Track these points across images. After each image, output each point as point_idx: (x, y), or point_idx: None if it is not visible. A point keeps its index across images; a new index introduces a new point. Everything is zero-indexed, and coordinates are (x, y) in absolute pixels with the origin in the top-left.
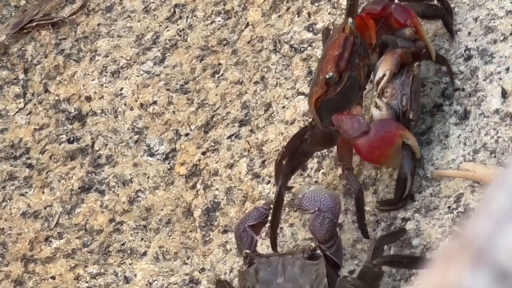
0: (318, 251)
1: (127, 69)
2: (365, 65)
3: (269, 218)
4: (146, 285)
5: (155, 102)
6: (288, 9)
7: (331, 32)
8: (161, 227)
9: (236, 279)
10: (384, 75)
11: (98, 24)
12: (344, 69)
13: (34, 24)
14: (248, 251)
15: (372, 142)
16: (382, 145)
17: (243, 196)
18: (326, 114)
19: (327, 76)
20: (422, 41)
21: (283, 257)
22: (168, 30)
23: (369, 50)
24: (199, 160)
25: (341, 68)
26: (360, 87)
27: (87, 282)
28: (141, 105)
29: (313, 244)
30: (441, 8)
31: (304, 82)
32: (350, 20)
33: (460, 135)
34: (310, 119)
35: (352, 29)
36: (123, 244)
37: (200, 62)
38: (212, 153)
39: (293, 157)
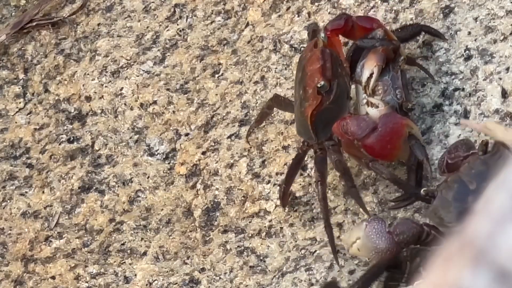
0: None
1: (127, 69)
2: (346, 74)
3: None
4: (146, 285)
5: (155, 102)
6: (288, 8)
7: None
8: (161, 227)
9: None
10: (372, 73)
11: (98, 24)
12: (331, 78)
13: (34, 24)
14: (425, 188)
15: (383, 137)
16: (393, 138)
17: (243, 196)
18: (321, 127)
19: (318, 85)
20: (396, 40)
21: (459, 171)
22: (168, 30)
23: None
24: (199, 160)
25: (328, 77)
26: (347, 95)
27: (87, 282)
28: (141, 105)
29: (484, 140)
30: (416, 23)
31: None
32: (322, 34)
33: (460, 135)
34: (300, 144)
35: (325, 42)
36: (123, 244)
37: (200, 62)
38: (212, 153)
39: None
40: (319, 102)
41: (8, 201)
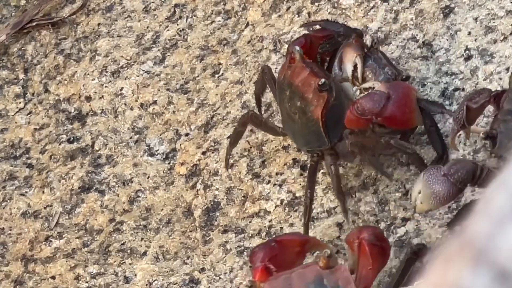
0: None
1: (127, 69)
2: (332, 77)
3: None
4: (146, 285)
5: (155, 102)
6: (288, 8)
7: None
8: (161, 227)
9: None
10: (355, 65)
11: (98, 24)
12: (325, 77)
13: (34, 24)
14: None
15: (399, 102)
16: (407, 101)
17: (243, 196)
18: (332, 127)
19: (320, 83)
20: (358, 28)
21: (503, 107)
22: (168, 30)
23: None
24: (199, 160)
25: (323, 76)
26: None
27: (87, 282)
28: (141, 105)
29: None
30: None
31: None
32: (297, 48)
33: (460, 135)
34: (310, 156)
35: (301, 54)
36: (123, 244)
37: (200, 62)
38: (212, 153)
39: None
40: (326, 100)
41: (8, 201)
